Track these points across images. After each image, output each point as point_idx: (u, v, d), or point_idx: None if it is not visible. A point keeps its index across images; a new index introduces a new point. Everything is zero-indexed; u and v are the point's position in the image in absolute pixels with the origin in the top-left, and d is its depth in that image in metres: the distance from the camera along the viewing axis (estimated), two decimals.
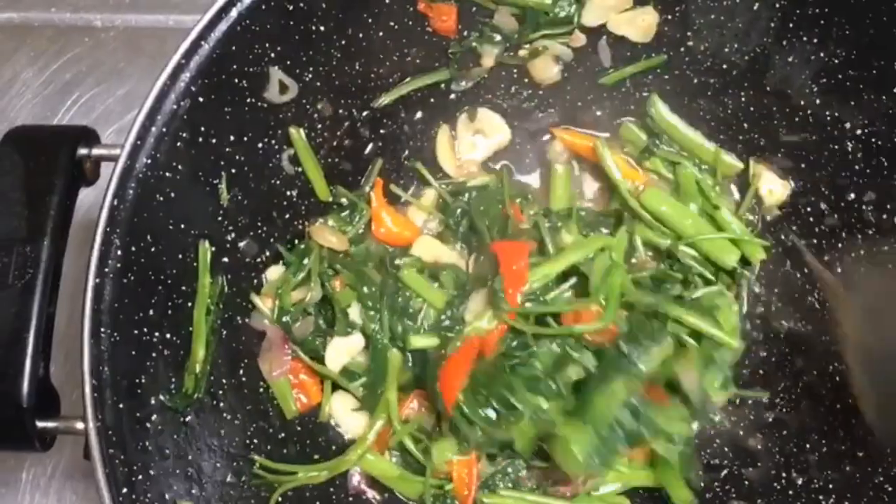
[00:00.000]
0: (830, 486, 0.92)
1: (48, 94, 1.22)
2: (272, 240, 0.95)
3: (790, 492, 0.94)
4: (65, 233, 0.80)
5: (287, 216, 0.97)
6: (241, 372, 0.91)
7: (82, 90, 1.22)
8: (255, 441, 0.89)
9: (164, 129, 0.83)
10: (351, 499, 0.94)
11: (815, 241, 0.99)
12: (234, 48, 0.87)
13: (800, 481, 0.95)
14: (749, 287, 1.02)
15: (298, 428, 0.93)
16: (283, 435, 0.92)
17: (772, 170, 1.03)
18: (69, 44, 1.24)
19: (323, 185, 1.00)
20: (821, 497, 0.92)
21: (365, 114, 1.02)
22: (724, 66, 1.01)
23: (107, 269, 0.79)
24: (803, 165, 1.00)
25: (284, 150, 0.96)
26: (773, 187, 1.03)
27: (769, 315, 1.02)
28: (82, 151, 0.83)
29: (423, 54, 1.01)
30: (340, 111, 1.00)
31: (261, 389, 0.92)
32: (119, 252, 0.80)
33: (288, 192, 0.97)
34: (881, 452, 0.88)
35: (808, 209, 1.00)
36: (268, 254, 0.95)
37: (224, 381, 0.89)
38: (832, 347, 0.94)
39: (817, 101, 0.98)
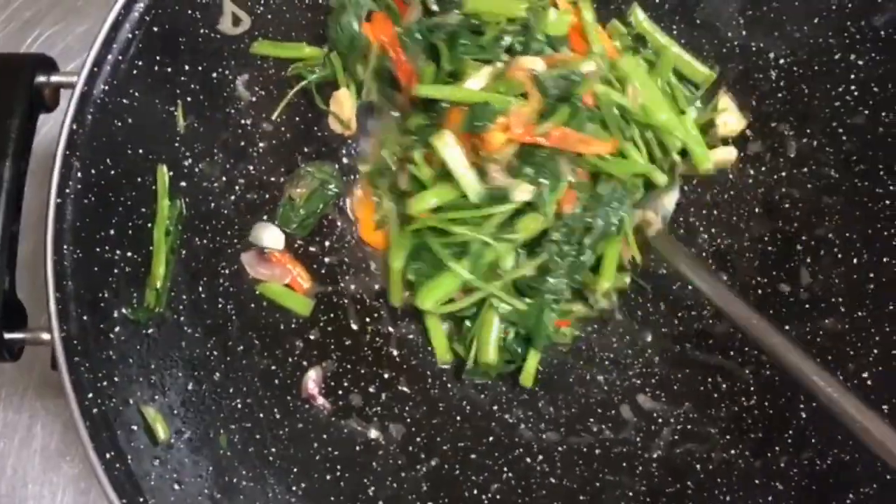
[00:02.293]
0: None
1: (9, 32, 1.24)
2: (228, 165, 0.99)
3: None
4: (26, 154, 0.84)
5: (242, 143, 1.01)
6: (201, 289, 0.95)
7: (42, 28, 1.24)
8: (215, 353, 0.94)
9: (120, 58, 0.87)
10: (301, 403, 0.99)
11: (741, 165, 1.05)
12: None
13: None
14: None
15: (257, 341, 0.98)
16: (241, 348, 0.97)
17: (734, 100, 1.06)
18: None
19: None
20: None
21: None
22: (657, 1, 1.06)
23: (68, 191, 0.83)
24: (731, 94, 1.05)
25: (238, 78, 0.99)
26: (730, 120, 1.05)
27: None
28: (41, 79, 0.87)
29: None
30: None
31: (219, 305, 0.97)
32: (79, 174, 0.84)
33: (243, 121, 1.01)
34: None
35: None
36: (224, 179, 0.99)
37: (184, 296, 0.93)
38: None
39: (744, 33, 1.04)
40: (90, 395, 0.81)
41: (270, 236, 1.02)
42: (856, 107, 0.98)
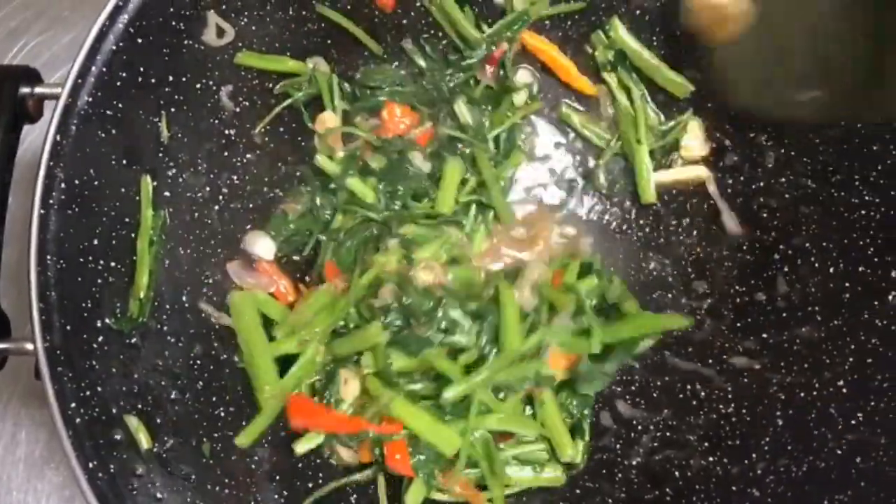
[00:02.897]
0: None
1: None
2: (212, 175, 1.00)
3: None
4: (10, 165, 0.85)
5: (226, 153, 1.02)
6: (184, 298, 0.96)
7: (28, 37, 1.25)
8: (199, 363, 0.95)
9: (104, 69, 0.87)
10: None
11: (718, 174, 1.07)
12: None
13: None
14: None
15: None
16: (224, 356, 0.97)
17: (701, 128, 1.09)
18: None
19: None
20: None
21: None
22: (637, 13, 1.07)
23: (51, 201, 0.84)
24: (709, 104, 1.07)
25: (222, 89, 1.00)
26: (693, 144, 1.09)
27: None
28: (25, 90, 0.88)
29: None
30: None
31: (203, 314, 0.97)
32: (63, 185, 0.85)
33: (227, 131, 1.02)
34: None
35: (714, 145, 1.08)
36: (208, 189, 1.00)
37: (167, 306, 0.94)
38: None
39: None
40: (73, 405, 0.82)
41: (263, 246, 1.04)
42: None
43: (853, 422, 0.91)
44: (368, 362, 0.95)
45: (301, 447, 0.97)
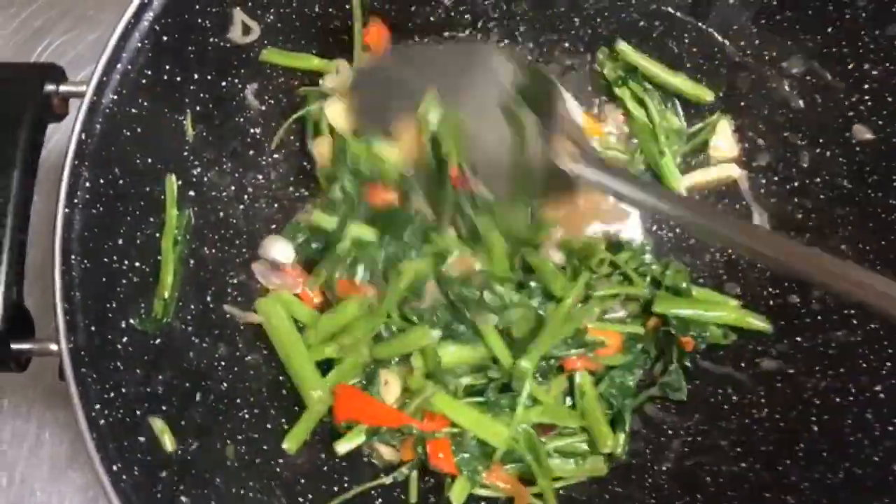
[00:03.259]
0: None
1: (19, 41, 1.24)
2: (237, 174, 0.99)
3: None
4: (34, 164, 0.84)
5: (252, 152, 1.01)
6: (209, 299, 0.95)
7: (53, 36, 1.25)
8: (223, 364, 0.94)
9: (129, 67, 0.86)
10: None
11: (751, 174, 1.05)
12: None
13: None
14: None
15: (265, 351, 0.98)
16: (249, 357, 0.96)
17: (729, 126, 1.07)
18: None
19: None
20: None
21: None
22: (668, 10, 1.05)
23: (76, 200, 0.83)
24: (742, 104, 1.05)
25: (248, 87, 0.99)
26: (722, 146, 1.07)
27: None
28: (49, 87, 0.87)
29: None
30: None
31: (227, 315, 0.96)
32: (87, 184, 0.84)
33: (252, 130, 1.01)
34: None
35: (747, 146, 1.06)
36: (233, 188, 0.99)
37: (192, 306, 0.93)
38: None
39: (756, 42, 1.03)
40: (97, 407, 0.81)
41: (280, 250, 1.02)
42: (869, 117, 0.97)
43: (890, 428, 0.89)
44: (418, 363, 0.95)
45: (343, 447, 0.96)
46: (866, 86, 0.97)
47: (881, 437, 0.89)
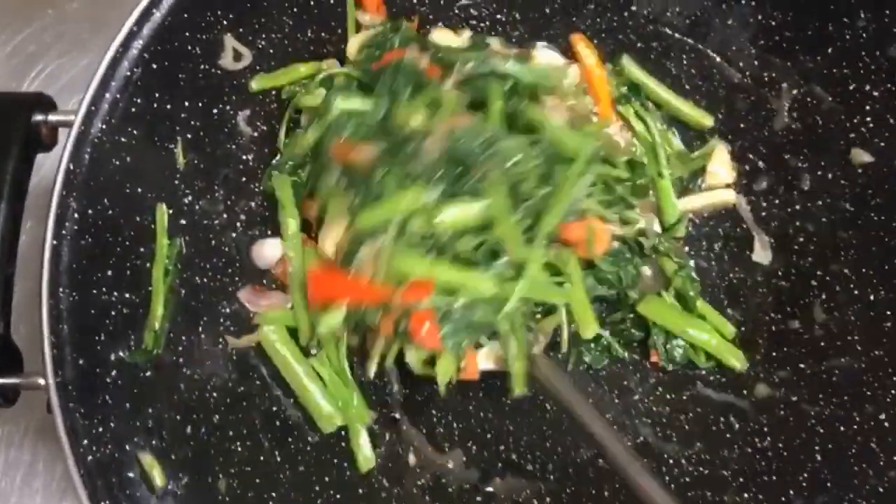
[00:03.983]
0: None
1: (13, 66, 1.24)
2: (229, 202, 0.98)
3: None
4: (21, 196, 0.83)
5: (244, 179, 1.00)
6: (200, 329, 0.94)
7: (46, 61, 1.24)
8: (215, 396, 0.93)
9: (118, 96, 0.86)
10: (303, 446, 0.97)
11: (752, 198, 1.03)
12: (185, 15, 0.90)
13: None
14: None
15: (258, 382, 0.96)
16: (241, 389, 0.95)
17: (727, 152, 1.05)
18: (33, 16, 1.26)
19: None
20: None
21: None
22: (666, 30, 1.04)
23: (64, 232, 0.82)
24: (742, 126, 1.03)
25: (239, 113, 0.98)
26: (721, 171, 1.05)
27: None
28: (38, 117, 0.86)
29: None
30: None
31: (219, 346, 0.95)
32: (76, 215, 0.83)
33: (244, 156, 1.00)
34: None
35: (748, 167, 1.04)
36: (225, 216, 0.98)
37: (183, 337, 0.92)
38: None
39: (755, 63, 1.02)
40: (85, 442, 0.80)
41: (270, 247, 1.00)
42: (871, 139, 0.96)
43: (895, 458, 0.87)
44: (413, 227, 0.87)
45: (324, 327, 0.89)
46: (867, 107, 0.96)
47: (886, 468, 0.87)
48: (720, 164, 1.04)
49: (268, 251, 1.00)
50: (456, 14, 1.08)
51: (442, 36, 1.05)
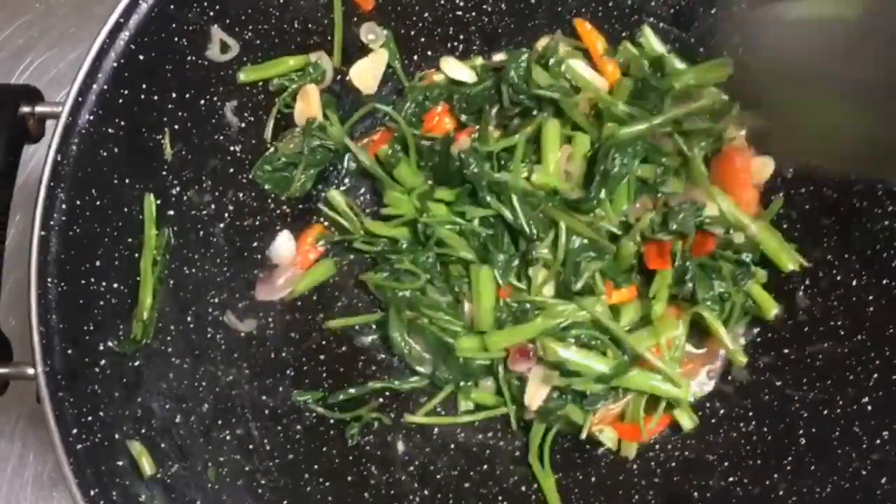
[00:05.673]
0: None
1: (1, 60, 1.24)
2: (217, 192, 0.99)
3: None
4: (9, 187, 0.84)
5: (232, 170, 1.00)
6: (189, 318, 0.94)
7: (35, 55, 1.24)
8: (204, 384, 0.93)
9: (105, 87, 0.86)
10: (292, 434, 0.98)
11: None
12: (172, 7, 0.90)
13: None
14: None
15: (247, 371, 0.97)
16: (230, 378, 0.96)
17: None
18: (21, 10, 1.27)
19: None
20: None
21: None
22: (650, 19, 1.04)
23: (52, 222, 0.82)
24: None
25: (227, 104, 0.98)
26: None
27: None
28: (25, 109, 0.86)
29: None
30: None
31: (208, 335, 0.96)
32: (63, 206, 0.83)
33: (232, 147, 1.00)
34: None
35: None
36: (213, 206, 0.99)
37: (172, 327, 0.92)
38: None
39: (740, 51, 1.02)
40: (74, 431, 0.80)
41: (282, 239, 1.04)
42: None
43: (878, 441, 0.88)
44: None
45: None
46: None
47: (869, 451, 0.88)
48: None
49: (281, 243, 1.03)
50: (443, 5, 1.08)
51: (452, 68, 1.06)
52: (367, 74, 1.07)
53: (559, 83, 1.00)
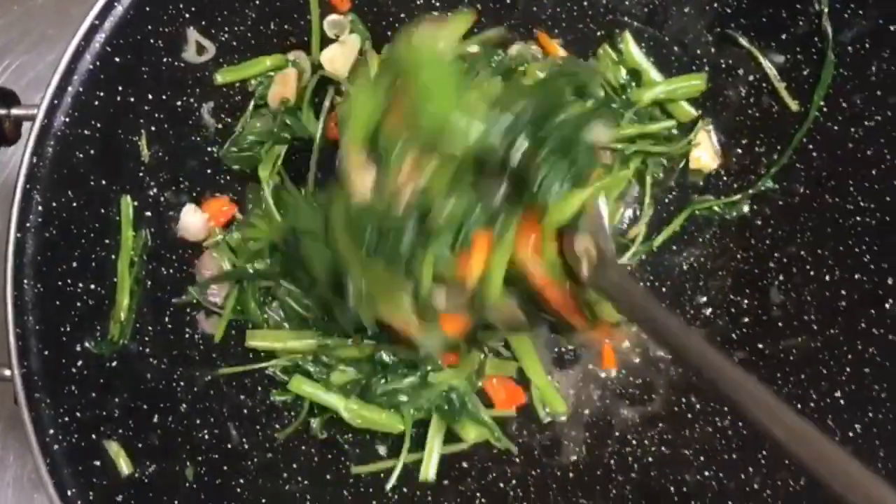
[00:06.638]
0: None
1: None
2: (195, 193, 0.99)
3: None
4: None
5: (209, 171, 1.00)
6: (167, 319, 0.95)
7: (13, 57, 1.24)
8: (182, 384, 0.94)
9: (81, 89, 0.87)
10: (270, 433, 0.98)
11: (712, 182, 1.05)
12: (147, 9, 0.91)
13: None
14: None
15: (225, 372, 0.97)
16: (208, 378, 0.96)
17: (711, 140, 1.05)
18: None
19: None
20: None
21: None
22: (625, 18, 1.05)
23: (28, 224, 0.83)
24: (699, 112, 1.05)
25: (203, 106, 0.99)
26: (704, 156, 1.05)
27: None
28: (0, 112, 0.87)
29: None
30: None
31: (186, 335, 0.96)
32: (40, 207, 0.84)
33: (209, 148, 1.00)
34: None
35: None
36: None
37: (150, 328, 0.93)
38: None
39: (712, 50, 1.03)
40: (51, 432, 0.81)
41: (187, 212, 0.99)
42: (825, 122, 0.97)
43: (851, 434, 0.89)
44: None
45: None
46: (822, 91, 0.97)
47: (842, 443, 0.88)
48: (704, 149, 1.04)
49: (190, 219, 0.98)
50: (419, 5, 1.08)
51: None
52: (338, 60, 1.05)
53: None
